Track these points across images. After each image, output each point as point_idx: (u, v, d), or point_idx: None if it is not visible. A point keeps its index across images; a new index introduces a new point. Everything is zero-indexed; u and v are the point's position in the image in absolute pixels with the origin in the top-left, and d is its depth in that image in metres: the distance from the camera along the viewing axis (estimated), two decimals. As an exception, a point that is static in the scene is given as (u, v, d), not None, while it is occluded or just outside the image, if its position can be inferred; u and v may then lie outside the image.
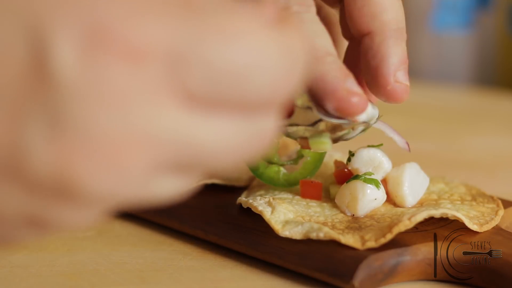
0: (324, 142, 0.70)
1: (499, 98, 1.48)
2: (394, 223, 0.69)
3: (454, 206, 0.74)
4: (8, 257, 0.75)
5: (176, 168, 0.43)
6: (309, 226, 0.70)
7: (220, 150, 0.44)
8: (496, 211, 0.74)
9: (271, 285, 0.70)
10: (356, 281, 0.67)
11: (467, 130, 1.26)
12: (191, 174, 0.45)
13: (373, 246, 0.68)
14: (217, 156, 0.44)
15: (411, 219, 0.69)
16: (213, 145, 0.43)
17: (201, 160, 0.43)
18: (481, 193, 0.78)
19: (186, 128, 0.42)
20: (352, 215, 0.73)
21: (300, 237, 0.70)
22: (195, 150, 0.43)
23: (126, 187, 0.42)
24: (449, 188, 0.79)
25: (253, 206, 0.74)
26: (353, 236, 0.69)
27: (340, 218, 0.73)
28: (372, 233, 0.69)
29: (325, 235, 0.69)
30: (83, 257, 0.75)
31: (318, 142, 0.70)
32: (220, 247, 0.76)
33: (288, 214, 0.72)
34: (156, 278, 0.71)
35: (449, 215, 0.71)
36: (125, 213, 0.84)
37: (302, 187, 0.77)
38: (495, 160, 1.09)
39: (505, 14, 1.66)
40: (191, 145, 0.42)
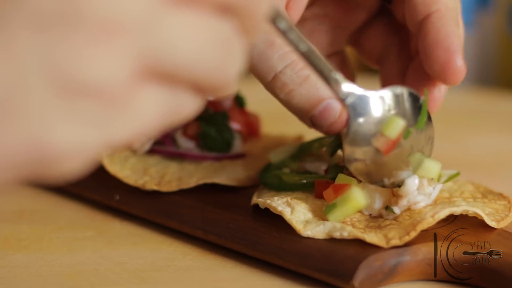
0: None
1: (499, 98, 1.48)
2: (417, 221, 0.69)
3: (468, 203, 0.74)
4: (8, 257, 0.75)
5: (157, 76, 0.44)
6: (331, 225, 0.70)
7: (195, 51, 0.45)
8: (509, 207, 0.75)
9: (271, 285, 0.70)
10: (356, 281, 0.67)
11: (467, 130, 1.26)
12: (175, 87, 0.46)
13: (398, 244, 0.68)
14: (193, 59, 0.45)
15: (434, 217, 0.69)
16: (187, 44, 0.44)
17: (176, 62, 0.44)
18: (490, 191, 0.78)
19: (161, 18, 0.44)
20: (369, 214, 0.73)
21: (323, 237, 0.70)
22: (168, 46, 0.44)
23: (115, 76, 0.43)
24: (457, 186, 0.79)
25: (272, 207, 0.74)
26: (376, 235, 0.69)
27: (358, 217, 0.73)
28: (395, 232, 0.69)
29: (349, 234, 0.69)
30: (83, 257, 0.75)
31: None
32: (220, 247, 0.76)
33: (308, 214, 0.73)
34: (156, 278, 0.71)
35: (470, 212, 0.72)
36: (125, 213, 0.84)
37: (317, 188, 0.77)
38: (496, 160, 1.09)
39: (505, 14, 1.66)
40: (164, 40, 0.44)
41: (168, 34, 0.44)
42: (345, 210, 0.71)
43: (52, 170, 0.44)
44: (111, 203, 0.85)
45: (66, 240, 0.79)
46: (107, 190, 0.85)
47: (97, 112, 0.44)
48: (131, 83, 0.44)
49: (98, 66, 0.43)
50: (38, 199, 0.89)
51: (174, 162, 0.87)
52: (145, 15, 0.44)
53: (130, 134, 0.45)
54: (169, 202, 0.81)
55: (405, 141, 0.71)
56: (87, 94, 0.43)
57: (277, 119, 0.84)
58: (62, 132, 0.43)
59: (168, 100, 0.46)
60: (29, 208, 0.87)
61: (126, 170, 0.85)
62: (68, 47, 0.42)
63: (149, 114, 0.45)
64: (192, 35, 0.45)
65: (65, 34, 0.42)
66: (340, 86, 0.69)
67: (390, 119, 0.70)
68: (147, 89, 0.45)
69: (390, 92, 0.71)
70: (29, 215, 0.85)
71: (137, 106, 0.45)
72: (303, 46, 0.64)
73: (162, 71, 0.45)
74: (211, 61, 0.46)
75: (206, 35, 0.45)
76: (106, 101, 0.44)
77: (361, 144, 0.71)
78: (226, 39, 0.46)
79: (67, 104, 0.43)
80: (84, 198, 0.88)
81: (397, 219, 0.72)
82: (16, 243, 0.78)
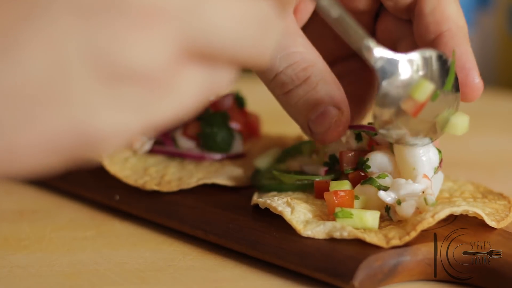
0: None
1: (499, 98, 1.48)
2: (417, 221, 0.69)
3: (468, 203, 0.74)
4: (8, 257, 0.75)
5: (197, 57, 0.45)
6: (331, 225, 0.70)
7: (235, 31, 0.46)
8: (508, 207, 0.75)
9: (271, 285, 0.70)
10: (356, 281, 0.67)
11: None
12: (215, 65, 0.47)
13: (398, 244, 0.68)
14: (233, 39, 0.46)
15: (434, 217, 0.69)
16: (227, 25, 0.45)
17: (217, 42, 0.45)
18: (489, 191, 0.78)
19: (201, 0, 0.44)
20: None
21: (323, 237, 0.70)
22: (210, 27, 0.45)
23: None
24: (457, 186, 0.79)
25: (272, 207, 0.74)
26: (376, 235, 0.69)
27: None
28: (395, 232, 0.69)
29: (349, 234, 0.69)
30: (83, 257, 0.75)
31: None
32: (220, 247, 0.76)
33: (308, 214, 0.73)
34: (156, 278, 0.71)
35: (470, 212, 0.72)
36: (125, 213, 0.84)
37: (316, 188, 0.77)
38: (495, 160, 1.09)
39: (505, 14, 1.66)
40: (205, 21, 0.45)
41: (209, 16, 0.45)
42: (357, 225, 0.71)
43: (93, 151, 0.45)
44: (111, 203, 0.85)
45: (66, 240, 0.79)
46: (107, 190, 0.85)
47: (139, 96, 0.44)
48: (173, 66, 0.45)
49: (140, 51, 0.43)
50: (38, 199, 0.89)
51: (174, 162, 0.87)
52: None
53: (170, 114, 0.46)
54: (169, 202, 0.81)
55: (433, 102, 0.71)
56: (129, 79, 0.44)
57: (277, 119, 0.84)
58: (105, 116, 0.44)
59: (206, 77, 0.47)
60: (29, 208, 0.87)
61: (126, 170, 0.85)
62: (110, 33, 0.43)
63: (189, 93, 0.46)
64: (232, 15, 0.45)
65: (107, 20, 0.43)
66: (372, 52, 0.70)
67: (419, 82, 0.70)
68: (188, 69, 0.46)
69: (419, 55, 0.71)
70: (29, 215, 0.85)
71: (178, 87, 0.45)
72: (335, 11, 0.64)
73: (203, 52, 0.46)
74: (250, 40, 0.47)
75: (245, 15, 0.46)
76: (148, 85, 0.44)
77: (390, 105, 0.71)
78: (263, 17, 0.47)
79: (110, 89, 0.44)
80: (84, 198, 0.88)
81: (397, 218, 0.72)
82: (16, 243, 0.78)
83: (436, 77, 0.72)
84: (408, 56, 0.71)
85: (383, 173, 0.74)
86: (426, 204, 0.70)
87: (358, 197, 0.73)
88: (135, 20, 0.43)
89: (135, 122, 0.45)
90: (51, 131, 0.43)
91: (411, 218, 0.70)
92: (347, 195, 0.72)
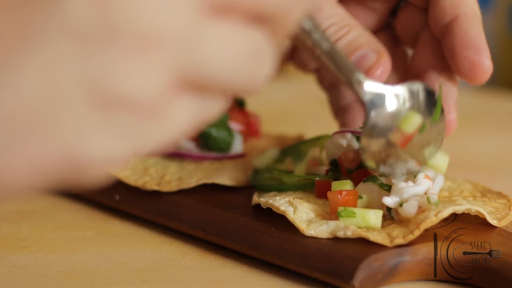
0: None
1: (499, 98, 1.48)
2: (420, 219, 0.69)
3: (469, 202, 0.74)
4: (8, 257, 0.75)
5: (191, 86, 0.45)
6: (334, 224, 0.70)
7: (230, 62, 0.45)
8: (508, 206, 0.75)
9: (271, 285, 0.70)
10: (356, 281, 0.67)
11: (467, 130, 1.26)
12: (207, 95, 0.46)
13: (402, 243, 0.68)
14: (227, 70, 0.46)
15: (437, 215, 0.69)
16: (222, 55, 0.45)
17: (212, 74, 0.45)
18: (488, 189, 0.78)
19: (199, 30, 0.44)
20: None
21: (326, 236, 0.70)
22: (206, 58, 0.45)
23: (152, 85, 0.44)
24: (456, 185, 0.79)
25: (275, 207, 0.74)
26: (379, 233, 0.69)
27: None
28: (399, 230, 0.69)
29: (353, 233, 0.69)
30: (83, 257, 0.75)
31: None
32: (220, 247, 0.76)
33: (310, 213, 0.73)
34: (156, 278, 0.71)
35: (472, 210, 0.72)
36: (125, 213, 0.84)
37: (318, 188, 0.77)
38: (495, 160, 1.09)
39: (505, 14, 1.66)
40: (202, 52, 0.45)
41: (204, 47, 0.45)
42: (360, 224, 0.71)
43: (81, 177, 0.45)
44: (111, 203, 0.85)
45: (66, 240, 0.79)
46: (107, 190, 0.85)
47: (131, 124, 0.44)
48: (166, 95, 0.45)
49: (134, 80, 0.43)
50: (38, 199, 0.89)
51: (174, 162, 0.87)
52: (182, 29, 0.44)
53: (161, 142, 0.46)
54: (169, 202, 0.81)
55: (419, 134, 0.72)
56: (122, 107, 0.44)
57: (277, 119, 0.84)
58: (95, 143, 0.44)
59: (198, 106, 0.47)
60: (29, 208, 0.87)
61: (126, 170, 0.85)
62: (105, 59, 0.43)
63: (180, 122, 0.46)
64: (227, 46, 0.45)
65: (103, 48, 0.43)
66: (363, 85, 0.71)
67: (408, 114, 0.72)
68: (181, 99, 0.46)
69: (407, 88, 0.73)
70: (29, 215, 0.85)
71: (170, 116, 0.45)
72: (326, 45, 0.65)
73: (197, 82, 0.46)
74: (244, 70, 0.47)
75: (240, 45, 0.46)
76: (141, 113, 0.44)
77: (378, 137, 0.72)
78: (258, 48, 0.47)
79: (102, 116, 0.44)
80: (84, 198, 0.88)
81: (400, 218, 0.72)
82: (16, 243, 0.78)
83: (423, 109, 0.73)
84: (395, 90, 0.72)
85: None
86: (429, 203, 0.70)
87: (361, 197, 0.73)
88: (131, 47, 0.43)
89: (126, 149, 0.45)
90: (41, 155, 0.43)
91: (414, 217, 0.70)
92: (351, 194, 0.72)
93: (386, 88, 0.72)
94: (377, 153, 0.73)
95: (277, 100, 0.92)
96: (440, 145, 0.75)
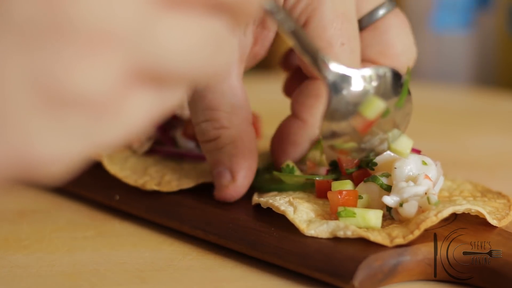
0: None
1: (499, 98, 1.48)
2: (420, 219, 0.69)
3: (469, 202, 0.74)
4: (8, 257, 0.75)
5: (147, 79, 0.45)
6: (335, 224, 0.70)
7: (186, 53, 0.45)
8: (508, 206, 0.75)
9: (271, 285, 0.70)
10: (356, 281, 0.67)
11: (467, 130, 1.26)
12: (165, 86, 0.46)
13: (402, 243, 0.68)
14: (184, 61, 0.45)
15: (437, 215, 0.69)
16: (177, 47, 0.44)
17: (167, 65, 0.45)
18: (488, 189, 0.79)
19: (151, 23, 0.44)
20: None
21: (326, 236, 0.70)
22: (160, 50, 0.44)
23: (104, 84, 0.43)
24: (456, 185, 0.79)
25: (275, 206, 0.74)
26: (379, 233, 0.69)
27: None
28: (399, 230, 0.69)
29: (353, 233, 0.69)
30: (83, 257, 0.75)
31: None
32: (220, 247, 0.76)
33: (310, 213, 0.73)
34: (156, 278, 0.71)
35: (472, 210, 0.72)
36: (125, 213, 0.84)
37: (318, 188, 0.77)
38: (495, 160, 1.09)
39: (505, 14, 1.66)
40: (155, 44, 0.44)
41: (158, 39, 0.44)
42: (360, 224, 0.71)
43: (37, 174, 0.44)
44: (111, 203, 0.85)
45: (66, 240, 0.79)
46: (107, 190, 0.85)
47: (83, 121, 0.43)
48: (120, 90, 0.44)
49: (85, 76, 0.43)
50: (38, 199, 0.89)
51: (174, 162, 0.87)
52: (135, 22, 0.43)
53: (119, 137, 0.45)
54: (169, 202, 0.81)
55: (384, 118, 0.72)
56: (74, 104, 0.43)
57: (277, 119, 0.84)
58: (46, 141, 0.43)
59: (155, 98, 0.46)
60: (29, 208, 0.87)
61: (126, 170, 0.85)
62: (54, 56, 0.42)
63: (137, 116, 0.45)
64: (182, 37, 0.45)
65: (51, 45, 0.42)
66: (327, 65, 0.69)
67: (370, 100, 0.70)
68: (137, 92, 0.45)
69: (373, 71, 0.71)
70: (29, 215, 0.85)
71: (126, 110, 0.45)
72: (290, 25, 0.65)
73: (153, 74, 0.45)
74: (202, 60, 0.46)
75: (197, 36, 0.45)
76: (94, 110, 0.44)
77: (339, 121, 0.71)
78: (216, 37, 0.46)
79: (54, 114, 0.43)
80: (84, 198, 0.88)
81: (400, 218, 0.72)
82: (16, 243, 0.78)
83: (389, 93, 0.72)
84: (361, 72, 0.71)
85: (387, 172, 0.74)
86: (429, 203, 0.70)
87: (361, 197, 0.73)
88: (80, 44, 0.42)
89: (79, 146, 0.44)
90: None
91: (414, 217, 0.70)
92: (351, 194, 0.72)
93: (352, 70, 0.70)
94: (336, 136, 0.72)
95: (277, 100, 0.92)
96: (404, 129, 0.75)
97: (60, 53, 0.42)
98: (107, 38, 0.43)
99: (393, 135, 0.74)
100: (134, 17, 0.43)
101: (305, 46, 0.68)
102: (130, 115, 0.45)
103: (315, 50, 0.68)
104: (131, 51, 0.44)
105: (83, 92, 0.43)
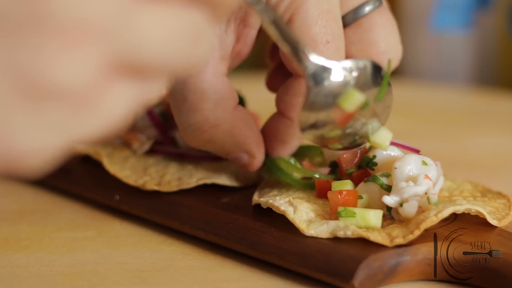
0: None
1: (499, 98, 1.48)
2: (420, 219, 0.69)
3: (469, 202, 0.74)
4: (8, 257, 0.75)
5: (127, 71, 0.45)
6: (335, 224, 0.70)
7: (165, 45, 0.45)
8: (508, 206, 0.75)
9: (271, 285, 0.70)
10: (356, 281, 0.67)
11: (467, 130, 1.26)
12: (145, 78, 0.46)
13: (402, 243, 0.68)
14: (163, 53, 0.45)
15: (437, 215, 0.69)
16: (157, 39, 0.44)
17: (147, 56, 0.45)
18: (488, 189, 0.79)
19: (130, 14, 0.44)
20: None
21: (326, 236, 0.70)
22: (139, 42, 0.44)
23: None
24: (456, 185, 0.79)
25: (275, 206, 0.74)
26: (379, 233, 0.69)
27: None
28: (399, 230, 0.69)
29: (353, 233, 0.69)
30: (83, 257, 0.75)
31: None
32: (220, 247, 0.76)
33: (310, 213, 0.73)
34: (156, 278, 0.72)
35: (472, 210, 0.72)
36: (125, 213, 0.84)
37: (318, 187, 0.77)
38: (495, 160, 1.09)
39: (505, 14, 1.66)
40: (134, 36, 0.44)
41: (139, 30, 0.44)
42: (360, 224, 0.71)
43: (17, 167, 0.44)
44: (111, 203, 0.85)
45: (66, 240, 0.79)
46: (107, 190, 0.85)
47: (63, 114, 0.43)
48: (100, 82, 0.44)
49: (64, 68, 0.42)
50: (38, 199, 0.89)
51: (174, 162, 0.87)
52: (114, 14, 0.43)
53: (100, 129, 0.45)
54: (169, 202, 0.81)
55: (363, 111, 0.72)
56: (53, 96, 0.43)
57: (277, 119, 0.84)
58: (26, 134, 0.43)
59: (135, 90, 0.46)
60: (29, 208, 0.87)
61: (126, 170, 0.85)
62: (33, 48, 0.42)
63: (118, 108, 0.45)
64: (161, 29, 0.45)
65: (29, 38, 0.42)
66: (307, 56, 0.69)
67: (349, 92, 0.70)
68: (117, 85, 0.45)
69: (353, 63, 0.71)
70: (29, 215, 0.85)
71: (106, 103, 0.45)
72: (270, 15, 0.65)
73: (133, 66, 0.45)
74: (181, 50, 0.46)
75: (176, 27, 0.45)
76: (73, 102, 0.43)
77: (318, 112, 0.71)
78: (195, 28, 0.46)
79: (32, 107, 0.43)
80: (84, 198, 0.88)
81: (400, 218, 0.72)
82: (16, 243, 0.78)
83: (369, 86, 0.72)
84: (342, 64, 0.70)
85: (387, 172, 0.74)
86: (429, 203, 0.70)
87: (361, 197, 0.73)
88: (60, 35, 0.42)
89: (60, 139, 0.44)
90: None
91: (414, 217, 0.70)
92: (351, 194, 0.72)
93: (332, 62, 0.70)
94: (314, 127, 0.72)
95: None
96: (384, 121, 0.75)
97: (39, 45, 0.42)
98: (86, 30, 0.43)
99: (372, 127, 0.74)
100: (113, 8, 0.43)
101: (286, 37, 0.67)
102: (110, 107, 0.45)
103: (296, 40, 0.68)
104: (111, 42, 0.44)
105: (62, 84, 0.43)
